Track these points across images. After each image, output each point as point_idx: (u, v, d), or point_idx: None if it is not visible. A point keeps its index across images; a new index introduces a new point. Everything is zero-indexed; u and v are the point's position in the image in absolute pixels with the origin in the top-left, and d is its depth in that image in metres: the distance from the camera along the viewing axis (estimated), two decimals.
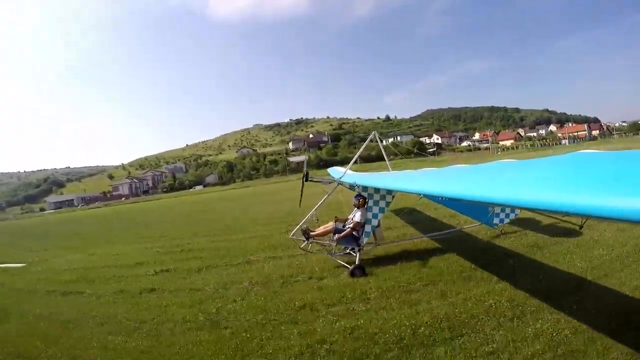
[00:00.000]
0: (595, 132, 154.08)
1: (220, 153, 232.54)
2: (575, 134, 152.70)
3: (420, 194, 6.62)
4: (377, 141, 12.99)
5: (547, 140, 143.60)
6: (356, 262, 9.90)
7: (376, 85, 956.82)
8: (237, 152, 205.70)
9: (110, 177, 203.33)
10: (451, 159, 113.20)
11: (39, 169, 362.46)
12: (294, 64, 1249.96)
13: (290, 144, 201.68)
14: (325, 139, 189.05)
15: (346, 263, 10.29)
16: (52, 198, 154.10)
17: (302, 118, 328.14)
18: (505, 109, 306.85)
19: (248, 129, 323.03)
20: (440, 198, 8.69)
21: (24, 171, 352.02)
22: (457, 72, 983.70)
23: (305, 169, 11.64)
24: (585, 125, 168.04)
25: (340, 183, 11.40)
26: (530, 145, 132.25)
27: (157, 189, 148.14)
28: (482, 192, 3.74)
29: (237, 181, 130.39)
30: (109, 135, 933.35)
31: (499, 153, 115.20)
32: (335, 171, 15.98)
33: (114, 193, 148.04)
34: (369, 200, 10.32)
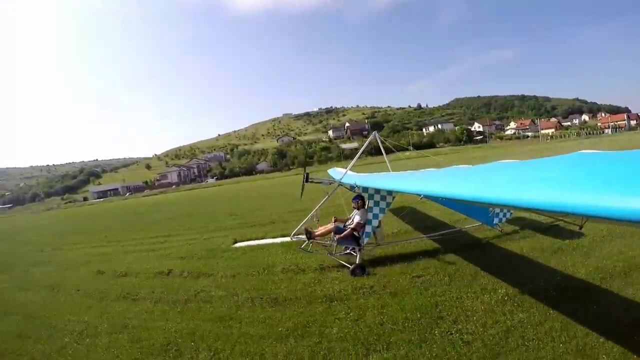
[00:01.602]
0: (632, 122, 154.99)
1: (256, 142, 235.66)
2: (617, 123, 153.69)
3: (420, 195, 6.55)
4: (378, 141, 12.89)
5: (589, 129, 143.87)
6: (357, 262, 10.07)
7: (401, 74, 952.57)
8: (277, 140, 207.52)
9: (148, 167, 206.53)
10: (507, 145, 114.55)
11: (68, 162, 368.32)
12: (318, 54, 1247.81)
13: (331, 132, 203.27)
14: (366, 126, 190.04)
15: (347, 263, 10.39)
16: (94, 188, 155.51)
17: (331, 107, 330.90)
18: (535, 98, 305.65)
19: (278, 118, 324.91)
20: (440, 198, 8.55)
21: (53, 164, 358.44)
22: (481, 61, 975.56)
23: (305, 169, 11.85)
24: (625, 115, 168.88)
25: (341, 184, 11.52)
26: (577, 134, 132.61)
27: (205, 177, 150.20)
28: (482, 193, 3.82)
29: (292, 168, 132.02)
30: (135, 128, 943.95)
31: (547, 141, 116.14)
32: (336, 172, 16.06)
33: (162, 181, 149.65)
34: (370, 201, 10.37)
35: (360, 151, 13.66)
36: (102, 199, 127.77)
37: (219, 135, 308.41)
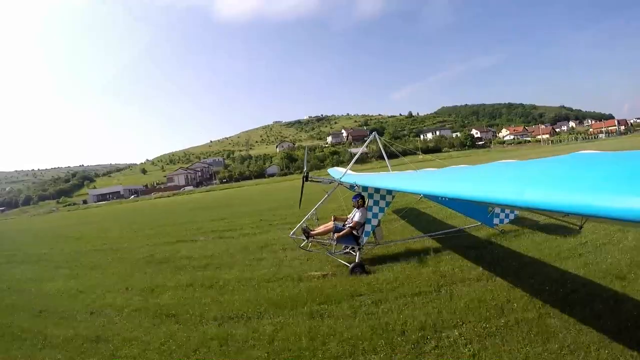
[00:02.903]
0: (622, 128, 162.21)
1: (251, 148, 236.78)
2: (609, 128, 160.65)
3: (420, 194, 6.32)
4: (378, 141, 13.08)
5: (584, 134, 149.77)
6: (356, 261, 10.06)
7: (385, 82, 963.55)
8: (277, 147, 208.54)
9: (144, 171, 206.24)
10: (514, 149, 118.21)
11: (53, 167, 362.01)
12: (303, 63, 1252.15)
13: (330, 138, 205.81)
14: (367, 133, 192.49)
15: (346, 262, 10.40)
16: (93, 191, 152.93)
17: (322, 115, 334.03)
18: (522, 106, 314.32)
19: (269, 125, 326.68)
20: (440, 198, 8.94)
21: (38, 169, 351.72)
22: (465, 69, 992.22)
23: (305, 169, 11.73)
24: (616, 121, 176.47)
25: (341, 183, 11.55)
26: (575, 138, 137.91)
27: (212, 180, 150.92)
28: (482, 193, 3.79)
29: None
30: (120, 134, 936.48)
31: (549, 145, 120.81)
32: (336, 171, 16.19)
33: (168, 184, 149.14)
34: (369, 200, 10.34)
35: (360, 151, 14.07)
36: (105, 202, 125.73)
37: (211, 141, 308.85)
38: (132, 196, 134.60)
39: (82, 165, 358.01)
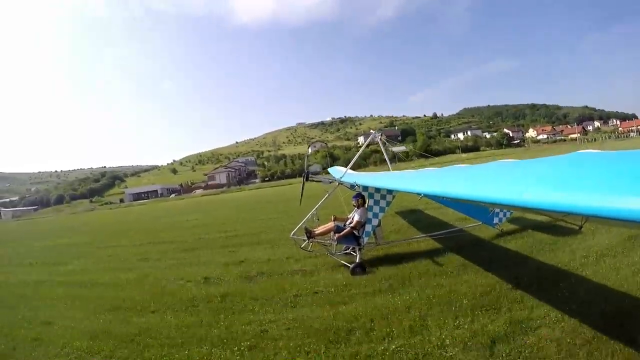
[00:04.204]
0: None
1: (279, 149, 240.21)
2: (638, 127, 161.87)
3: (420, 194, 6.58)
4: (379, 141, 13.32)
5: (616, 133, 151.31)
6: (357, 261, 10.04)
7: (404, 84, 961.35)
8: (309, 147, 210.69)
9: (174, 171, 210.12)
10: (553, 147, 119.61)
11: (76, 168, 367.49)
12: (321, 66, 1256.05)
13: (361, 138, 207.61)
14: (399, 133, 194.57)
15: (347, 262, 10.34)
16: (130, 190, 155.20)
17: (345, 116, 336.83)
18: (546, 106, 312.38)
19: (293, 127, 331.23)
20: (440, 198, 8.76)
21: (61, 170, 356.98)
22: (483, 71, 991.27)
23: (305, 168, 11.77)
24: None
25: (341, 183, 11.51)
26: (607, 137, 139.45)
27: (253, 179, 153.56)
28: (482, 192, 3.82)
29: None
30: (140, 136, 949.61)
31: (584, 143, 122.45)
32: (336, 171, 16.17)
33: (209, 183, 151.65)
34: (370, 200, 10.30)
35: (361, 151, 14.51)
36: (146, 200, 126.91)
37: (237, 142, 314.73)
38: (173, 195, 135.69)
39: (105, 166, 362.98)
